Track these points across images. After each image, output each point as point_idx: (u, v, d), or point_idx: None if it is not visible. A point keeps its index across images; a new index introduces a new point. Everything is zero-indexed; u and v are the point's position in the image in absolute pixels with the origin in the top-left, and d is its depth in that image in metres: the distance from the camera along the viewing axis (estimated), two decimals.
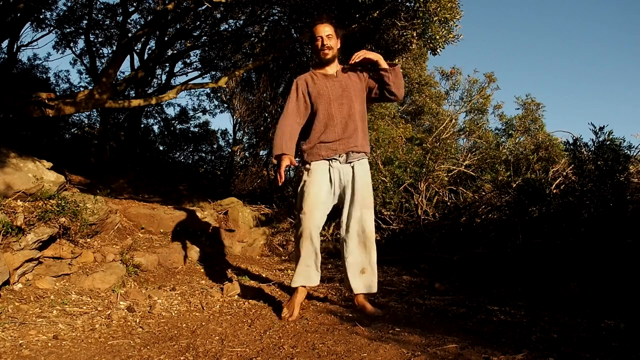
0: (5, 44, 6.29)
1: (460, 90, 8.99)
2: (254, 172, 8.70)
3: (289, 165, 2.16)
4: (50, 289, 2.22)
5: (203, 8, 5.26)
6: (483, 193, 4.39)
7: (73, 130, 8.24)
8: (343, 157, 2.22)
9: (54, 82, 8.45)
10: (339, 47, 2.29)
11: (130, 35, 5.20)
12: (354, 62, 2.19)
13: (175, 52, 7.78)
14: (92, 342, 1.77)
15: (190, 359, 1.63)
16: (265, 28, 6.00)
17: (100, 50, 8.04)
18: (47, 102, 3.71)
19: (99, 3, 7.19)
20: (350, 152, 2.22)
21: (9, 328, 1.78)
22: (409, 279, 3.21)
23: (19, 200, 2.48)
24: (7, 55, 6.46)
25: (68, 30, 7.43)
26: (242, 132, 8.89)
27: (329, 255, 4.16)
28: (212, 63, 7.55)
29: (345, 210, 2.26)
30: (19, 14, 5.52)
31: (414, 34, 3.77)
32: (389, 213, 4.47)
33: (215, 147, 10.30)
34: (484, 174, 4.88)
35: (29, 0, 4.93)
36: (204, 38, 6.88)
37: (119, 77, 6.86)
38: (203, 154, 10.28)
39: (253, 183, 8.54)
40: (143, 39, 6.78)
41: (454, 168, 4.95)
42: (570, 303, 2.33)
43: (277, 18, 5.57)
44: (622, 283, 2.38)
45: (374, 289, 2.27)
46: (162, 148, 9.84)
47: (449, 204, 4.58)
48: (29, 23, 6.66)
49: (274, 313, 2.27)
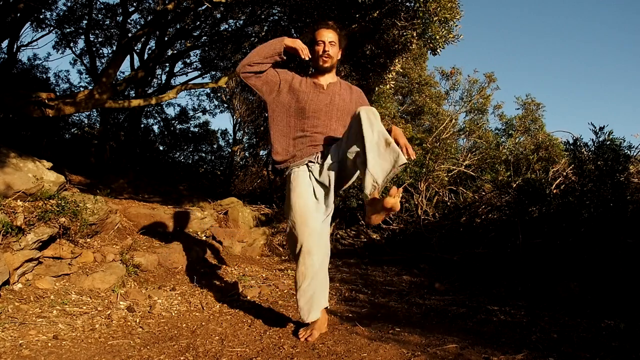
0: (5, 44, 6.29)
1: (460, 90, 8.97)
2: (254, 172, 8.71)
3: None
4: (50, 289, 2.22)
5: (203, 8, 5.26)
6: (483, 193, 4.39)
7: (73, 130, 8.24)
8: (319, 156, 1.97)
9: (54, 82, 8.46)
10: (340, 58, 2.07)
11: (130, 35, 5.20)
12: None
13: (175, 52, 7.78)
14: (92, 342, 1.77)
15: (190, 359, 1.63)
16: (265, 28, 5.99)
17: (100, 50, 8.05)
18: (47, 102, 3.72)
19: (99, 3, 7.19)
20: (326, 150, 1.96)
21: (9, 328, 1.78)
22: (409, 279, 3.21)
23: (19, 200, 2.48)
24: (7, 55, 6.45)
25: (68, 30, 7.42)
26: (242, 132, 8.91)
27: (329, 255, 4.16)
28: (212, 63, 7.54)
29: (345, 160, 1.86)
30: (19, 14, 5.52)
31: (414, 34, 3.77)
32: None
33: (215, 147, 10.30)
34: (484, 174, 4.89)
35: (29, 0, 4.93)
36: (204, 38, 6.87)
37: (119, 77, 6.87)
38: (203, 154, 10.28)
39: (253, 183, 8.55)
40: (143, 39, 6.78)
41: (454, 168, 4.95)
42: (570, 303, 2.33)
43: (277, 18, 5.56)
44: (622, 283, 2.38)
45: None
46: (162, 148, 9.84)
47: (449, 204, 4.59)
48: (29, 23, 6.65)
49: (274, 313, 2.28)
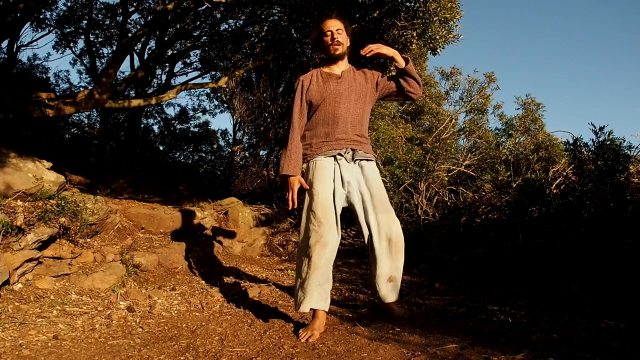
0: (5, 44, 6.29)
1: (460, 90, 8.98)
2: (254, 172, 8.70)
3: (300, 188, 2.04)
4: (50, 289, 2.22)
5: (203, 8, 5.26)
6: (483, 193, 4.39)
7: (73, 130, 8.24)
8: (349, 153, 2.10)
9: (54, 82, 8.45)
10: (349, 44, 2.17)
11: (130, 35, 5.20)
12: (365, 54, 2.05)
13: (175, 52, 7.78)
14: (92, 342, 1.77)
15: (190, 359, 1.63)
16: (265, 28, 6.00)
17: (100, 50, 8.04)
18: (47, 102, 3.71)
19: (99, 3, 7.19)
20: (357, 149, 2.11)
21: (9, 328, 1.78)
22: (409, 279, 3.21)
23: (19, 200, 2.48)
24: (7, 55, 6.45)
25: (68, 30, 7.42)
26: (242, 132, 8.90)
27: None
28: (212, 63, 7.55)
29: (367, 215, 2.10)
30: (19, 14, 5.51)
31: (414, 34, 3.77)
32: None
33: (215, 147, 10.30)
34: (484, 174, 4.89)
35: (29, 0, 4.93)
36: (204, 38, 6.87)
37: (119, 77, 6.86)
38: (203, 154, 10.28)
39: (253, 183, 8.54)
40: (143, 39, 6.77)
41: (454, 168, 4.95)
42: (570, 303, 2.33)
43: (277, 18, 5.57)
44: (622, 283, 2.38)
45: (397, 296, 2.19)
46: (162, 148, 9.83)
47: (449, 204, 4.59)
48: (29, 23, 6.65)
49: (274, 313, 2.28)
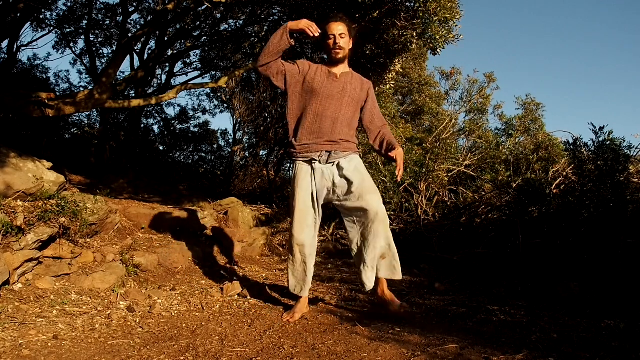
0: (5, 44, 6.29)
1: (460, 90, 8.97)
2: (254, 172, 8.70)
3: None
4: (50, 289, 2.22)
5: (203, 8, 5.26)
6: (483, 193, 4.39)
7: (73, 130, 8.24)
8: (324, 156, 2.17)
9: (54, 82, 8.46)
10: (351, 47, 2.24)
11: (130, 35, 5.20)
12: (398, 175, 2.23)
13: (175, 52, 7.78)
14: (92, 342, 1.77)
15: (190, 359, 1.63)
16: (265, 28, 5.99)
17: (100, 50, 8.05)
18: (47, 102, 3.71)
19: (99, 3, 7.19)
20: (333, 152, 2.17)
21: (9, 328, 1.78)
22: (409, 279, 3.21)
23: (19, 200, 2.48)
24: (7, 55, 6.45)
25: (68, 30, 7.43)
26: (242, 132, 8.91)
27: (329, 255, 4.16)
28: (212, 63, 7.55)
29: (347, 205, 2.22)
30: (19, 14, 5.51)
31: (414, 34, 3.77)
32: (389, 213, 4.47)
33: (215, 147, 10.30)
34: (484, 174, 4.89)
35: (29, 0, 4.93)
36: (204, 38, 6.87)
37: (119, 77, 6.86)
38: (203, 154, 10.28)
39: (253, 183, 8.54)
40: (143, 39, 6.78)
41: (454, 168, 4.95)
42: (570, 303, 2.33)
43: (277, 18, 5.56)
44: (622, 283, 2.38)
45: (399, 275, 2.20)
46: (162, 148, 9.84)
47: (449, 204, 4.59)
48: (29, 23, 6.66)
49: (274, 313, 2.28)
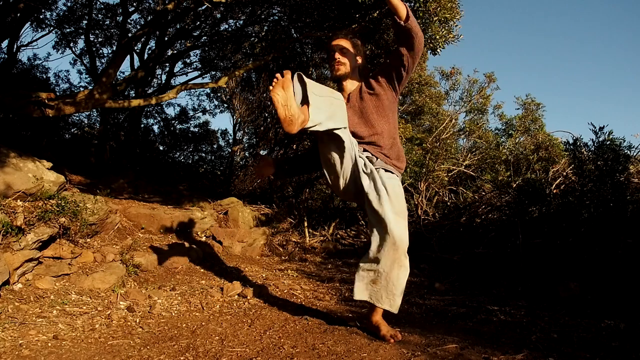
0: (5, 44, 6.29)
1: (460, 90, 8.96)
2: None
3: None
4: (50, 289, 2.22)
5: (203, 8, 5.26)
6: (483, 193, 4.39)
7: (73, 130, 8.24)
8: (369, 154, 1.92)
9: (54, 82, 8.44)
10: (360, 62, 2.03)
11: (130, 35, 5.20)
12: None
13: (175, 52, 7.78)
14: (92, 342, 1.77)
15: (190, 359, 1.63)
16: (265, 28, 5.99)
17: (100, 50, 8.04)
18: (47, 102, 3.71)
19: (99, 3, 7.18)
20: (376, 158, 1.91)
21: (9, 328, 1.78)
22: (409, 279, 3.20)
23: (19, 200, 2.48)
24: (7, 55, 6.45)
25: (68, 30, 7.42)
26: (242, 132, 8.89)
27: (329, 255, 4.16)
28: (212, 63, 7.55)
29: (374, 211, 1.83)
30: (19, 14, 5.51)
31: None
32: None
33: (215, 147, 10.29)
34: (484, 174, 4.89)
35: (29, 0, 4.93)
36: (204, 38, 6.87)
37: (119, 77, 6.86)
38: (203, 154, 10.27)
39: (253, 183, 8.53)
40: (143, 39, 6.77)
41: (454, 168, 4.95)
42: (570, 303, 2.33)
43: (277, 18, 5.57)
44: (622, 283, 2.38)
45: (388, 306, 1.84)
46: (162, 148, 9.83)
47: (449, 204, 4.59)
48: (29, 23, 6.65)
49: (274, 313, 2.28)
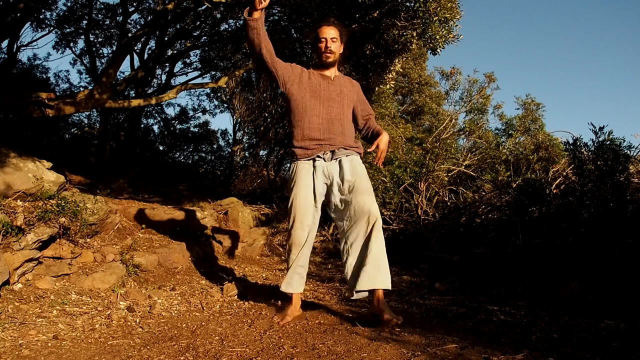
0: (5, 44, 6.29)
1: (460, 90, 8.99)
2: (254, 172, 8.69)
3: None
4: (50, 289, 2.22)
5: (203, 8, 5.26)
6: (483, 193, 4.39)
7: (73, 130, 8.24)
8: (328, 154, 2.18)
9: (54, 82, 8.45)
10: (342, 52, 2.27)
11: (130, 35, 5.20)
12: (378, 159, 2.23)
13: (175, 52, 7.78)
14: (92, 342, 1.77)
15: (190, 359, 1.63)
16: (265, 28, 5.99)
17: (100, 50, 8.04)
18: (47, 102, 3.71)
19: (99, 3, 7.19)
20: (337, 150, 2.17)
21: (9, 328, 1.78)
22: (409, 279, 3.21)
23: (19, 200, 2.48)
24: (7, 55, 6.45)
25: (68, 30, 7.43)
26: (242, 132, 8.89)
27: (329, 255, 4.16)
28: (212, 63, 7.55)
29: (341, 203, 2.17)
30: (19, 14, 5.51)
31: (414, 34, 3.77)
32: (389, 213, 4.47)
33: (215, 147, 10.29)
34: (484, 174, 4.89)
35: (29, 0, 4.93)
36: (204, 38, 6.87)
37: (119, 77, 6.85)
38: (203, 154, 10.27)
39: (253, 183, 8.53)
40: (143, 39, 6.77)
41: (454, 168, 4.95)
42: (570, 303, 2.33)
43: (277, 18, 5.56)
44: (622, 283, 2.38)
45: (380, 284, 2.06)
46: (162, 148, 9.83)
47: (449, 204, 4.58)
48: (29, 23, 6.66)
49: (274, 313, 2.28)
